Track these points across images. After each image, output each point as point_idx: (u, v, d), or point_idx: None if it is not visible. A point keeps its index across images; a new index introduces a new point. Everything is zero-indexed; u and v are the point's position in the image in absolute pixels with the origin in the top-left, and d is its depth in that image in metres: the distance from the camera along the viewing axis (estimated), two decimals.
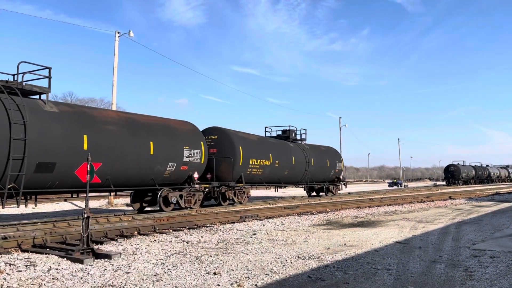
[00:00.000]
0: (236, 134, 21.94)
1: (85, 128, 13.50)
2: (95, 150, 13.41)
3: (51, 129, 12.47)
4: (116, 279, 6.25)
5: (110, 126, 14.50)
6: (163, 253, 8.47)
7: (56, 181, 12.77)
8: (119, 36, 26.30)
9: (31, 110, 12.10)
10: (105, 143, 14.04)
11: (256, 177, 22.81)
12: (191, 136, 18.09)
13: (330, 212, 17.44)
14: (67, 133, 12.87)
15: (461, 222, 13.97)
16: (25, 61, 12.69)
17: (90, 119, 14.04)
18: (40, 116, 12.33)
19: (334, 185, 32.10)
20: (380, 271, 6.85)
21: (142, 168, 15.50)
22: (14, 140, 11.35)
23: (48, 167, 12.30)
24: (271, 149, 24.16)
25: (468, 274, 6.63)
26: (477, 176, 71.93)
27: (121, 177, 14.80)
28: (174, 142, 16.96)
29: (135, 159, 15.11)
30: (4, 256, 8.09)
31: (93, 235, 9.93)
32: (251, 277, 6.44)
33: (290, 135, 28.51)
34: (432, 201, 24.88)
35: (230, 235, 11.10)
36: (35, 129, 11.97)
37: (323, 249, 8.96)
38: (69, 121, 13.15)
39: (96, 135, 13.79)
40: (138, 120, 16.13)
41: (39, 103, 12.78)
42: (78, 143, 13.12)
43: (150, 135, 15.88)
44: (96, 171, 13.37)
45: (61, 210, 20.73)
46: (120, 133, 14.70)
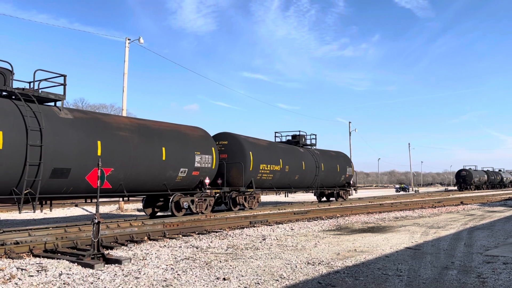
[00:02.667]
0: (246, 139, 22.07)
1: (98, 134, 13.71)
2: (108, 156, 13.64)
3: (66, 136, 12.71)
4: (126, 284, 6.27)
5: (123, 132, 14.69)
6: (172, 258, 8.49)
7: (70, 187, 12.96)
8: (130, 42, 26.57)
9: (46, 117, 12.37)
10: (118, 149, 14.23)
11: (266, 182, 22.87)
12: (202, 142, 18.24)
13: (340, 218, 17.34)
14: (81, 139, 13.10)
15: (473, 228, 13.79)
16: (41, 69, 13.01)
17: (104, 126, 14.25)
18: (55, 122, 12.59)
19: (345, 190, 31.99)
20: (391, 277, 6.79)
21: (155, 173, 15.66)
22: (31, 146, 11.59)
23: (63, 172, 12.52)
24: (281, 154, 24.19)
25: (481, 280, 6.53)
26: (490, 181, 71.02)
27: (134, 182, 14.95)
28: (186, 147, 17.13)
29: (148, 164, 15.26)
30: (16, 261, 8.17)
31: (103, 240, 9.99)
32: (261, 282, 6.41)
33: (300, 140, 28.50)
34: (444, 206, 24.62)
35: (239, 240, 11.09)
36: (51, 135, 12.21)
37: (333, 254, 8.91)
38: (84, 128, 13.39)
39: (110, 141, 13.97)
40: (150, 126, 16.31)
41: (54, 110, 13.04)
42: (92, 149, 13.31)
43: (162, 141, 16.05)
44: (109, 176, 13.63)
45: (72, 216, 20.89)
46: (132, 139, 14.88)
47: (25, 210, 22.87)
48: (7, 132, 11.26)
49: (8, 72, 12.30)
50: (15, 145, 11.35)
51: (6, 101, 11.90)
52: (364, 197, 40.64)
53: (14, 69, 12.47)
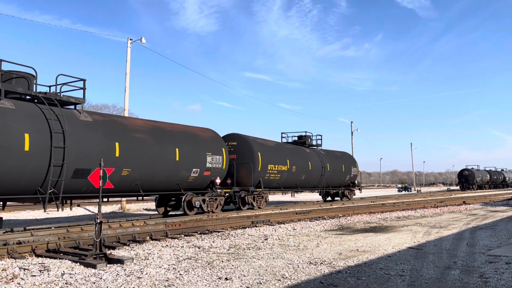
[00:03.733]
0: (255, 140, 22.51)
1: (116, 136, 14.26)
2: (125, 157, 14.28)
3: (86, 138, 13.27)
4: (129, 284, 6.28)
5: (139, 134, 15.25)
6: (175, 258, 8.49)
7: (90, 186, 13.39)
8: (132, 42, 26.60)
9: (68, 120, 12.87)
10: (135, 150, 14.77)
11: (274, 182, 23.30)
12: (213, 143, 18.74)
13: (342, 217, 17.33)
14: (100, 141, 13.65)
15: (475, 228, 13.76)
16: (62, 74, 13.52)
17: (121, 128, 14.80)
18: (76, 125, 13.12)
19: (349, 190, 32.42)
20: (393, 277, 6.78)
21: (168, 173, 16.20)
22: (55, 148, 12.14)
23: (84, 173, 13.00)
24: (288, 154, 24.60)
25: (483, 280, 6.52)
26: (492, 181, 70.84)
27: (149, 182, 15.47)
28: (198, 148, 17.65)
29: (162, 165, 15.81)
30: (18, 261, 8.19)
31: (105, 240, 10.01)
32: (263, 282, 6.42)
33: (306, 141, 28.90)
34: (446, 206, 24.57)
35: (241, 240, 11.09)
36: (73, 137, 12.74)
37: (335, 254, 8.90)
38: (102, 130, 13.94)
39: (127, 143, 14.51)
40: (164, 128, 16.84)
41: (75, 113, 13.55)
42: (110, 150, 13.88)
43: (175, 142, 16.57)
44: (127, 176, 14.44)
45: (74, 215, 20.93)
46: (148, 141, 15.40)
47: (27, 210, 22.94)
48: (33, 134, 11.78)
49: (31, 76, 12.81)
50: (40, 147, 11.86)
51: (31, 105, 12.43)
52: (366, 197, 40.60)
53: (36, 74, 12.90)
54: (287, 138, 28.66)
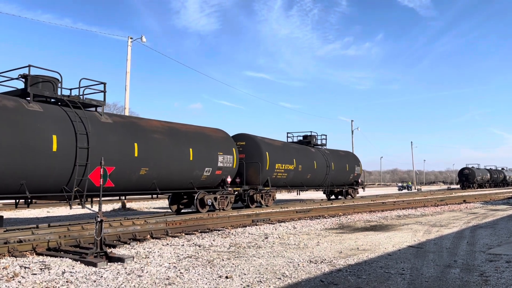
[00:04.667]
0: (263, 140, 23.13)
1: (135, 137, 14.91)
2: (144, 157, 14.96)
3: (107, 138, 13.92)
4: (129, 283, 6.29)
5: (156, 135, 15.86)
6: (175, 256, 8.50)
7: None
8: (132, 41, 26.59)
9: (91, 122, 13.53)
10: (152, 150, 15.39)
11: (281, 181, 23.94)
12: (224, 143, 19.40)
13: (342, 216, 17.33)
14: (121, 142, 14.33)
15: (476, 226, 13.76)
16: (85, 78, 14.29)
17: (139, 129, 15.43)
18: (98, 126, 13.76)
19: (353, 188, 33.10)
20: (393, 275, 6.78)
21: (183, 172, 16.89)
22: (79, 149, 12.83)
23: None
24: (294, 154, 25.26)
25: (484, 279, 6.52)
26: (492, 180, 70.81)
27: (165, 181, 16.14)
28: (210, 148, 18.30)
29: (177, 164, 16.49)
30: (19, 259, 8.20)
31: (106, 238, 10.01)
32: (263, 281, 6.42)
33: (311, 140, 29.54)
34: (446, 204, 24.57)
35: (242, 238, 11.10)
36: (95, 138, 13.38)
37: (335, 253, 8.91)
38: (122, 131, 14.64)
39: (145, 143, 15.14)
40: (179, 129, 17.49)
41: (96, 115, 14.22)
42: (130, 151, 14.54)
43: (189, 143, 17.25)
44: (145, 175, 15.07)
45: (75, 214, 20.95)
46: (164, 141, 16.04)
47: (28, 209, 22.95)
48: (60, 136, 12.45)
49: (56, 80, 13.47)
50: (66, 148, 12.54)
51: (57, 108, 13.08)
52: (366, 196, 40.60)
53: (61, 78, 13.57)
54: (292, 137, 29.21)
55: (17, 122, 11.64)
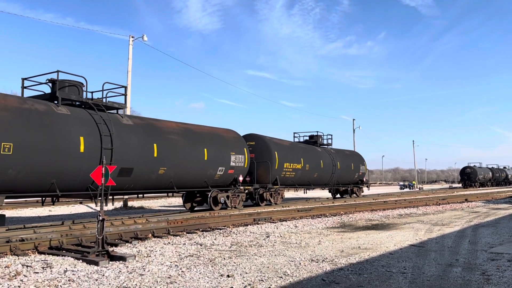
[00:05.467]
0: (271, 140, 23.87)
1: (154, 138, 15.56)
2: (162, 157, 15.60)
3: (129, 139, 14.58)
4: (131, 281, 6.30)
5: (173, 136, 16.55)
6: (177, 255, 8.51)
7: (132, 184, 14.88)
8: (133, 40, 26.60)
9: (114, 124, 14.20)
10: (170, 150, 16.07)
11: (289, 179, 24.65)
12: (236, 143, 20.15)
13: (343, 215, 17.33)
14: (141, 143, 15.00)
15: (478, 225, 13.75)
16: (108, 82, 15.03)
17: (157, 130, 16.07)
18: (120, 128, 14.43)
19: (358, 187, 33.81)
20: (395, 274, 6.78)
21: (198, 171, 17.61)
22: (104, 150, 13.50)
23: (127, 171, 14.38)
24: (302, 153, 26.00)
25: (485, 278, 6.51)
26: (494, 178, 70.71)
27: (182, 180, 16.85)
28: (223, 148, 19.01)
29: (193, 164, 17.20)
30: (21, 258, 8.22)
31: (108, 237, 10.03)
32: (265, 279, 6.42)
33: (317, 140, 30.23)
34: (448, 203, 24.54)
35: (243, 237, 11.11)
36: (118, 139, 14.05)
37: (337, 252, 8.90)
38: (142, 132, 15.28)
39: (163, 144, 15.79)
40: (194, 130, 18.20)
41: (118, 117, 14.93)
42: (150, 151, 15.20)
43: (204, 143, 17.97)
44: (163, 174, 15.80)
45: (77, 213, 20.99)
46: (181, 142, 16.76)
47: (30, 208, 23.01)
48: (86, 138, 13.14)
49: (81, 84, 14.20)
50: (92, 149, 13.21)
51: (83, 111, 13.81)
52: (368, 195, 40.57)
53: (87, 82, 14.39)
54: (299, 137, 29.89)
55: (48, 125, 12.29)
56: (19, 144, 11.42)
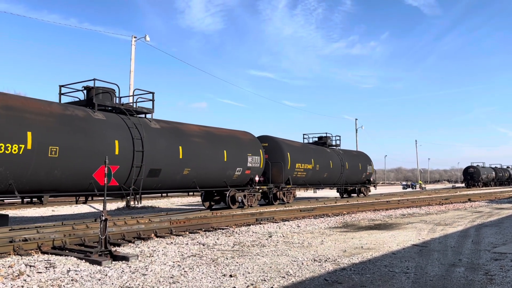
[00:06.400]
0: (284, 141, 24.86)
1: (179, 141, 16.52)
2: (187, 159, 16.50)
3: (157, 142, 15.44)
4: (134, 281, 6.31)
5: (195, 139, 17.52)
6: (179, 255, 8.52)
7: (159, 183, 15.87)
8: (136, 40, 26.66)
9: (143, 128, 15.12)
10: (193, 152, 16.97)
11: (300, 179, 25.58)
12: (252, 145, 21.12)
13: (346, 215, 17.31)
14: (168, 145, 15.92)
15: (481, 225, 13.71)
16: (138, 89, 16.15)
17: (182, 133, 17.02)
18: (149, 132, 15.34)
19: (365, 187, 34.70)
20: (397, 274, 6.77)
21: (218, 172, 18.56)
22: (136, 152, 14.42)
23: (156, 172, 15.32)
24: (312, 154, 26.97)
25: (489, 278, 6.50)
26: (497, 178, 70.48)
27: (203, 180, 17.81)
28: (240, 150, 19.92)
29: (214, 165, 18.14)
30: (24, 258, 8.24)
31: (111, 237, 10.04)
32: (267, 279, 6.42)
33: (326, 141, 31.19)
34: (451, 203, 24.47)
35: (246, 237, 11.11)
36: (148, 142, 14.95)
37: (339, 251, 8.90)
38: (168, 135, 16.22)
39: (187, 146, 16.73)
40: (214, 132, 19.16)
41: (146, 121, 15.82)
42: (175, 153, 16.11)
43: (223, 145, 18.90)
44: (187, 174, 16.86)
45: (80, 213, 21.04)
46: (203, 144, 17.72)
47: (33, 208, 23.06)
48: (121, 141, 14.03)
49: (113, 91, 15.17)
50: (125, 151, 14.13)
51: (116, 116, 14.75)
52: (371, 194, 40.51)
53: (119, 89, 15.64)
54: (308, 138, 30.86)
55: (87, 129, 13.27)
56: (63, 148, 12.33)
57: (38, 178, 12.04)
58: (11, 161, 11.19)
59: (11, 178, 11.29)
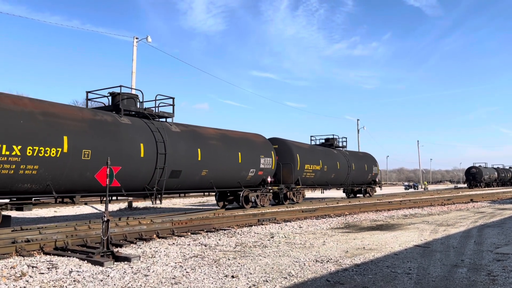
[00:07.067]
0: (293, 143, 25.64)
1: (198, 144, 17.33)
2: (205, 160, 17.34)
3: (178, 145, 16.24)
4: (136, 282, 6.32)
5: (212, 141, 18.30)
6: (181, 256, 8.52)
7: (179, 184, 16.74)
8: (138, 41, 26.70)
9: (165, 131, 15.90)
10: (211, 154, 17.80)
11: (309, 180, 26.39)
12: (264, 147, 21.94)
13: (348, 216, 17.29)
14: (188, 148, 16.75)
15: (483, 225, 13.67)
16: (160, 94, 17.01)
17: (200, 136, 17.82)
18: (171, 135, 16.13)
19: (371, 187, 35.42)
20: (400, 275, 6.75)
21: (233, 173, 19.39)
22: (159, 154, 15.23)
23: (177, 173, 16.15)
24: (320, 155, 27.72)
25: (491, 278, 6.48)
26: (500, 179, 70.27)
27: (220, 180, 18.59)
28: (253, 152, 20.73)
29: (229, 166, 18.97)
30: (27, 259, 8.26)
31: (112, 238, 10.06)
32: (269, 280, 6.42)
33: (333, 143, 32.05)
34: (453, 204, 24.42)
35: (247, 238, 11.10)
36: (169, 145, 15.72)
37: (341, 252, 8.88)
38: (188, 138, 17.05)
39: (205, 149, 17.54)
40: (229, 135, 19.97)
41: (167, 125, 16.61)
42: (195, 155, 16.96)
43: (238, 147, 19.72)
44: (205, 176, 17.77)
45: (82, 214, 21.07)
46: (219, 147, 18.51)
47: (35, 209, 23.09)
48: (146, 144, 14.85)
49: (136, 96, 16.15)
50: (150, 154, 14.94)
51: (140, 120, 15.62)
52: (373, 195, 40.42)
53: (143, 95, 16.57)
54: (315, 140, 31.77)
55: (115, 133, 14.07)
56: (95, 150, 13.11)
57: (72, 179, 12.81)
58: (50, 164, 12.00)
59: (49, 179, 12.16)
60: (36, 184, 11.99)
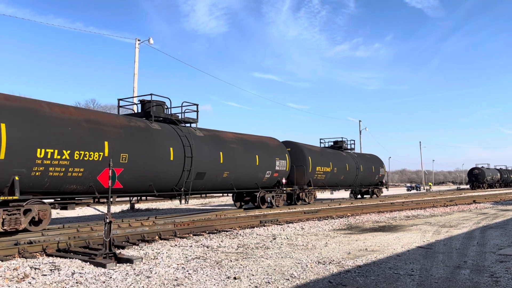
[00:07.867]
0: (305, 146, 26.59)
1: (220, 147, 18.32)
2: (226, 163, 18.30)
3: (202, 149, 17.24)
4: (138, 284, 6.32)
5: (232, 145, 19.26)
6: (183, 257, 8.52)
7: (203, 185, 17.69)
8: (140, 43, 26.74)
9: (191, 136, 16.96)
10: (231, 157, 18.74)
11: (320, 181, 27.34)
12: (279, 150, 22.90)
13: (350, 217, 17.26)
14: (211, 151, 17.74)
15: (486, 227, 13.63)
16: (186, 101, 18.14)
17: (221, 140, 18.79)
18: (196, 139, 17.13)
19: (378, 188, 36.31)
20: (402, 276, 6.74)
21: (251, 175, 20.32)
22: (186, 158, 16.25)
23: (202, 175, 17.16)
24: (330, 158, 28.73)
25: (494, 280, 6.46)
26: (503, 180, 70.05)
27: (239, 182, 19.58)
28: (269, 154, 21.67)
29: (247, 168, 19.93)
30: (29, 260, 8.27)
31: (115, 239, 10.07)
32: (271, 282, 6.42)
33: (342, 146, 32.86)
34: (456, 205, 24.36)
35: (250, 239, 11.10)
36: (195, 149, 16.74)
37: (343, 254, 8.87)
38: (211, 142, 18.04)
39: (226, 152, 18.51)
40: (247, 139, 20.98)
41: (192, 130, 17.62)
42: (217, 158, 17.97)
43: (255, 150, 20.69)
44: (226, 177, 18.74)
45: (84, 215, 21.10)
46: (238, 150, 19.47)
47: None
48: (174, 148, 15.82)
49: (163, 103, 17.15)
50: (178, 157, 15.92)
51: (168, 126, 16.59)
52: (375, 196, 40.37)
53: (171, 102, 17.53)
54: (324, 143, 32.71)
55: (148, 138, 15.02)
56: (131, 154, 14.12)
57: None
58: (93, 167, 12.91)
59: (92, 181, 13.03)
60: (81, 185, 12.98)
